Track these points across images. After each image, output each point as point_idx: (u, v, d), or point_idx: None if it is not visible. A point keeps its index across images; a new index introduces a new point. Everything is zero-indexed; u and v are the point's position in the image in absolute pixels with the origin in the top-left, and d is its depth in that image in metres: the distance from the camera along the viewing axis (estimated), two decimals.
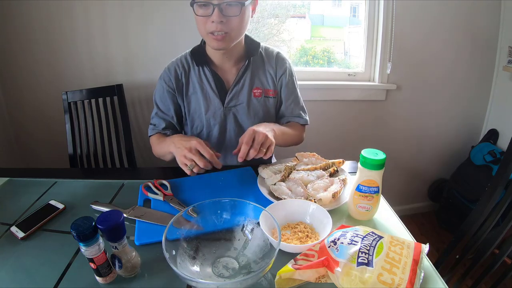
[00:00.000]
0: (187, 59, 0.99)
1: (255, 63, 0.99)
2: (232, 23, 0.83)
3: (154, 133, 1.03)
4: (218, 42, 0.85)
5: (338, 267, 0.49)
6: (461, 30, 1.61)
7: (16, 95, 1.55)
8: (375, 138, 1.79)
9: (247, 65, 0.97)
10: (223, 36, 0.84)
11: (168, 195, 0.77)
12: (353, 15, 1.71)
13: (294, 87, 1.06)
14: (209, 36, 0.85)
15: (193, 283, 0.46)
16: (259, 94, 0.99)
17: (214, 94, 0.97)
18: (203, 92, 0.98)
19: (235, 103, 0.98)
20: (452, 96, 1.76)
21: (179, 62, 0.99)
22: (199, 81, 0.98)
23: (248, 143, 0.78)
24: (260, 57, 1.00)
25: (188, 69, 0.99)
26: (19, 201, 0.80)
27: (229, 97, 0.98)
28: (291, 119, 1.06)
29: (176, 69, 0.98)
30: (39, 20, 1.41)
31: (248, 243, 0.59)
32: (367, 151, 0.65)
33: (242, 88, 0.98)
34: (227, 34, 0.84)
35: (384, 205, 0.75)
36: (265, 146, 0.80)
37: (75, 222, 0.49)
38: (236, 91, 0.98)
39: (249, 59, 0.97)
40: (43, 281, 0.55)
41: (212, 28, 0.82)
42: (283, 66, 1.02)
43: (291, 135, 1.01)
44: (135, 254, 0.55)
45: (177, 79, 0.98)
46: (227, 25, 0.82)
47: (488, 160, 1.60)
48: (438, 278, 0.53)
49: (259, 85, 0.99)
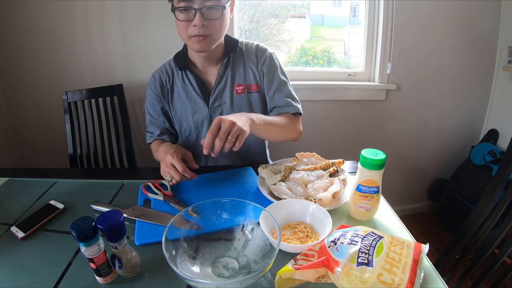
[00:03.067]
0: (171, 65, 1.01)
1: (235, 60, 0.99)
2: (214, 26, 0.84)
3: (152, 141, 1.05)
4: (201, 44, 0.86)
5: (338, 267, 0.49)
6: (461, 30, 1.61)
7: (16, 95, 1.55)
8: (375, 138, 1.80)
9: (227, 63, 0.97)
10: (205, 37, 0.84)
11: (168, 195, 0.77)
12: (353, 15, 1.71)
13: (277, 75, 1.00)
14: (191, 40, 0.86)
15: (193, 283, 0.46)
16: (241, 91, 0.98)
17: (198, 96, 0.99)
18: (187, 95, 0.99)
19: (219, 103, 0.99)
20: (452, 96, 1.76)
21: (163, 68, 1.02)
22: (183, 85, 1.00)
23: (212, 132, 0.72)
24: (240, 53, 1.00)
25: (172, 74, 1.01)
26: (19, 201, 0.80)
27: (213, 98, 0.98)
28: (280, 110, 0.99)
29: (161, 75, 1.01)
30: (39, 20, 1.41)
31: (248, 243, 0.59)
32: (367, 151, 0.65)
33: (225, 88, 0.98)
34: (210, 36, 0.85)
35: (384, 205, 0.75)
36: (233, 135, 0.72)
37: (75, 222, 0.49)
38: (218, 91, 0.98)
39: (228, 57, 0.97)
40: (43, 281, 0.55)
41: (194, 32, 0.83)
42: (263, 56, 1.00)
43: (279, 125, 0.92)
44: (135, 254, 0.55)
45: (162, 85, 1.01)
46: (208, 28, 0.83)
47: (488, 160, 1.60)
48: (438, 278, 0.53)
49: (240, 82, 0.99)
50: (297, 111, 1.00)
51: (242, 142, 0.73)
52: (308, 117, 1.69)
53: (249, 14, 1.64)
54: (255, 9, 1.63)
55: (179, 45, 1.01)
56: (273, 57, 1.01)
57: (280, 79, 1.00)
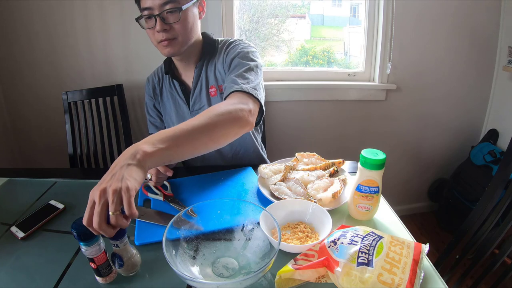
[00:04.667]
0: (162, 68, 1.04)
1: (209, 61, 0.97)
2: (176, 29, 0.84)
3: None
4: (168, 48, 0.86)
5: (338, 267, 0.49)
6: (461, 30, 1.61)
7: (16, 95, 1.55)
8: (375, 138, 1.79)
9: (201, 65, 0.96)
10: (170, 41, 0.85)
11: (168, 195, 0.77)
12: (353, 15, 1.71)
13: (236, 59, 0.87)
14: (159, 45, 0.86)
15: (193, 283, 0.46)
16: (214, 92, 0.97)
17: (181, 100, 1.00)
18: (173, 99, 1.02)
19: (199, 106, 0.99)
20: (452, 96, 1.76)
21: (155, 72, 1.07)
22: (169, 89, 1.02)
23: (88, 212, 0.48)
24: (216, 53, 0.96)
25: (161, 78, 1.05)
26: (19, 201, 0.81)
27: (192, 101, 0.99)
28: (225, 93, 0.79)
29: (153, 79, 1.06)
30: (39, 20, 1.41)
31: (248, 243, 0.59)
32: (367, 151, 0.65)
33: (201, 90, 0.98)
34: (175, 39, 0.85)
35: (384, 205, 0.75)
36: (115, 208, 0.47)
37: (76, 222, 0.50)
38: (196, 94, 0.98)
39: (203, 59, 0.95)
40: (43, 281, 0.55)
41: (159, 37, 0.84)
42: (226, 45, 0.94)
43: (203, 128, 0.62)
44: (135, 252, 0.56)
45: (154, 88, 1.06)
46: (171, 32, 0.84)
47: (488, 160, 1.60)
48: (438, 278, 0.53)
49: (213, 83, 0.97)
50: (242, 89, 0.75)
51: (132, 203, 0.48)
52: (308, 117, 1.70)
53: (249, 14, 1.64)
54: (255, 9, 1.63)
55: None
56: (236, 43, 0.92)
57: (238, 61, 0.86)
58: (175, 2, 0.80)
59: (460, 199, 1.70)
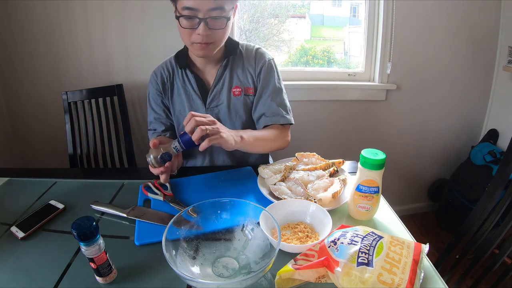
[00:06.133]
0: (171, 62, 1.02)
1: (234, 62, 0.99)
2: (218, 35, 0.85)
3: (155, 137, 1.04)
4: (203, 51, 0.87)
5: (338, 267, 0.49)
6: (461, 30, 1.61)
7: (16, 95, 1.55)
8: (375, 138, 1.80)
9: (226, 64, 0.98)
10: (208, 45, 0.85)
11: (168, 195, 0.77)
12: (353, 15, 1.71)
13: (272, 81, 0.99)
14: (194, 46, 0.86)
15: (193, 283, 0.46)
16: (238, 93, 0.99)
17: (196, 95, 0.99)
18: (186, 94, 1.00)
19: (216, 103, 0.99)
20: (452, 96, 1.76)
21: (164, 66, 1.03)
22: (182, 84, 1.00)
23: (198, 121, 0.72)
24: (240, 55, 1.00)
25: (172, 72, 1.02)
26: (19, 201, 0.80)
27: (210, 98, 0.99)
28: (269, 120, 0.98)
29: (162, 72, 1.02)
30: (39, 20, 1.41)
31: (248, 243, 0.59)
32: (367, 151, 0.65)
33: (222, 88, 0.98)
34: (212, 43, 0.86)
35: (384, 205, 0.75)
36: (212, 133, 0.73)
37: (76, 222, 0.50)
38: (216, 91, 0.98)
39: (228, 58, 0.97)
40: (43, 281, 0.55)
41: (198, 39, 0.83)
42: (262, 60, 1.00)
43: (268, 140, 0.94)
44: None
45: (163, 82, 1.02)
46: (212, 37, 0.84)
47: (488, 160, 1.60)
48: (438, 278, 0.53)
49: (238, 84, 0.99)
50: (287, 122, 0.99)
51: (211, 144, 0.72)
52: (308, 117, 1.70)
53: (249, 14, 1.64)
54: (255, 9, 1.63)
55: (179, 45, 1.01)
56: (271, 63, 1.01)
57: (275, 85, 1.00)
58: (222, 10, 0.80)
59: (460, 199, 1.70)
